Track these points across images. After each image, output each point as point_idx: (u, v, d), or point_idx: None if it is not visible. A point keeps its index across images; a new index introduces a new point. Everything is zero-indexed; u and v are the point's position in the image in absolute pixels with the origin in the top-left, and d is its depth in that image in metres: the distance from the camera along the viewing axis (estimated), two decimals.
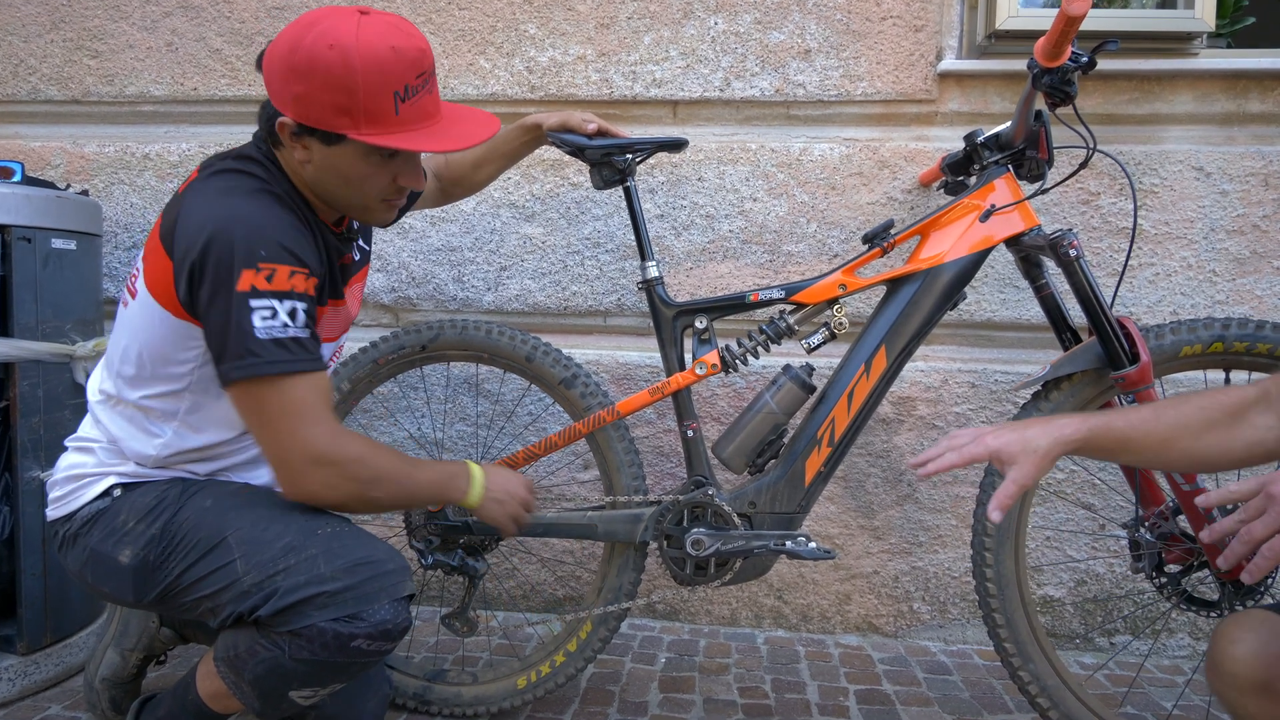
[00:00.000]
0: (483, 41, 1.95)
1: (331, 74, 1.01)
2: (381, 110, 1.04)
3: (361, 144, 1.07)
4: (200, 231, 1.02)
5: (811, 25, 1.88)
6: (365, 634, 1.03)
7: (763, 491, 1.45)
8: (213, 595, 1.06)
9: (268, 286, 1.02)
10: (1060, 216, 1.84)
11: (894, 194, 1.88)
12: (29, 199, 1.55)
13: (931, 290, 1.40)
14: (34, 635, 1.58)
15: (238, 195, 1.07)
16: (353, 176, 1.11)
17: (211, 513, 1.09)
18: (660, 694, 1.65)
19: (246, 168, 1.12)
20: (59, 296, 1.61)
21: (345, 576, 1.03)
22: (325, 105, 1.03)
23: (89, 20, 2.03)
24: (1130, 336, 1.33)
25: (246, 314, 1.01)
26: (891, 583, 1.94)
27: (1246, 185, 1.81)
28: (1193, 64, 1.79)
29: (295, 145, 1.09)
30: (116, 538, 1.10)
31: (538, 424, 1.98)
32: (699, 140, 1.92)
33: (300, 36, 1.03)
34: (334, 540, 1.07)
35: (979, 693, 1.68)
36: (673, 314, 1.49)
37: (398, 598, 1.06)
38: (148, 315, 1.09)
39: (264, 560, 1.04)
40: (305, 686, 1.06)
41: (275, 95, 1.07)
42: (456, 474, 1.24)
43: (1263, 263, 1.82)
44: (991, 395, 1.87)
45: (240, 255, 1.01)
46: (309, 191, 1.16)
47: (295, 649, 1.02)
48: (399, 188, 1.15)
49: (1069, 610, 1.90)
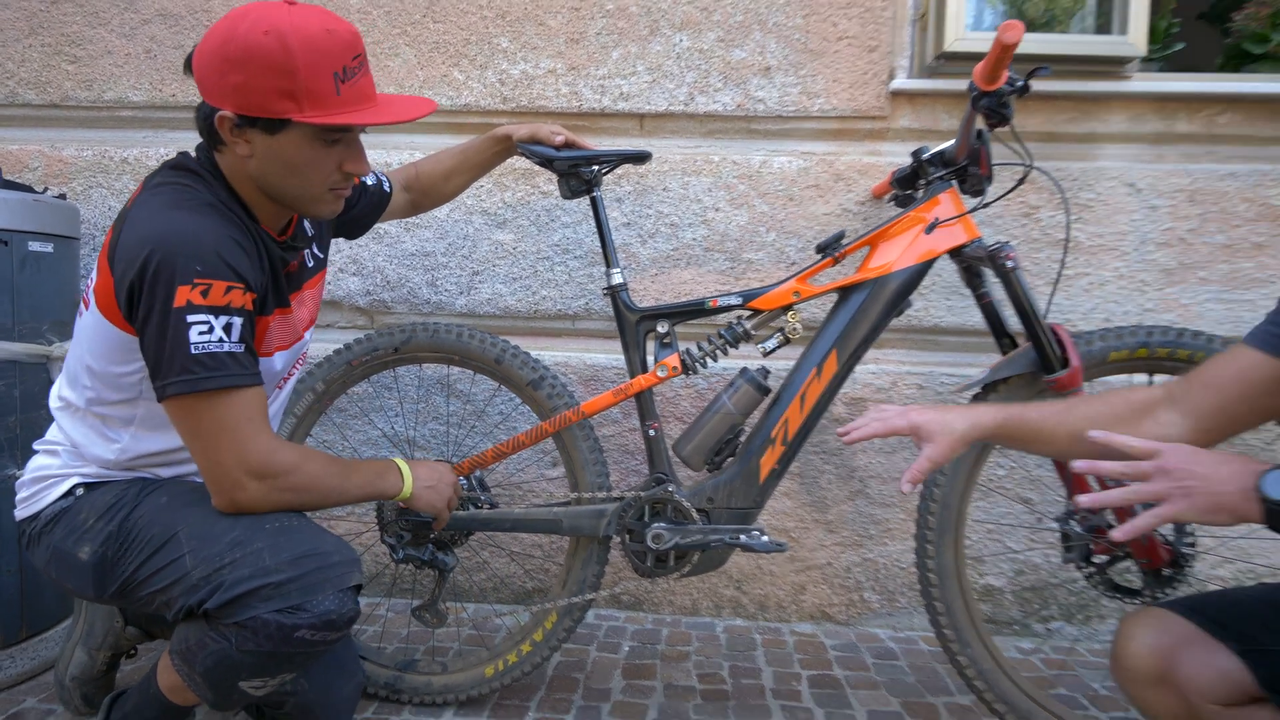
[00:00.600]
0: (457, 54, 1.95)
1: (271, 59, 0.99)
2: (323, 91, 1.02)
3: (307, 127, 1.04)
4: (141, 248, 0.99)
5: (772, 44, 1.90)
6: (309, 624, 1.02)
7: (720, 488, 1.48)
8: (165, 589, 1.05)
9: (203, 302, 0.99)
10: (1004, 228, 1.89)
11: (848, 205, 1.91)
12: (5, 202, 1.52)
13: (879, 298, 1.43)
14: (9, 630, 1.56)
15: (177, 210, 1.04)
16: (299, 164, 1.07)
17: (165, 510, 1.09)
18: (623, 680, 1.66)
19: (185, 180, 1.09)
20: (36, 298, 1.58)
21: (290, 569, 1.02)
22: (267, 91, 1.00)
23: (67, 26, 1.99)
24: (1062, 342, 1.37)
25: (183, 329, 0.99)
26: (844, 574, 1.97)
27: (1174, 201, 1.87)
28: (1126, 86, 1.84)
29: (237, 140, 1.05)
30: (77, 535, 1.10)
31: (508, 423, 1.99)
32: (664, 152, 1.93)
33: (232, 29, 1.00)
34: (280, 534, 1.06)
35: (923, 676, 1.72)
36: (636, 319, 1.51)
37: (343, 588, 1.05)
38: (97, 326, 1.08)
39: (211, 554, 1.03)
40: (254, 677, 1.05)
41: (211, 91, 1.03)
42: (387, 471, 1.24)
43: (1188, 273, 1.88)
44: (938, 396, 1.91)
45: (179, 271, 0.99)
46: (252, 196, 1.12)
47: (241, 640, 1.01)
48: (346, 175, 1.12)
49: (1008, 598, 1.95)
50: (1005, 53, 1.20)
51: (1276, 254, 1.86)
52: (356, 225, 1.47)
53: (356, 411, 2.02)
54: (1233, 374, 1.04)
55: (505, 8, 1.93)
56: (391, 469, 1.25)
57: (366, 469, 1.22)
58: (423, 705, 1.54)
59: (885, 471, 1.94)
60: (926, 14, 1.87)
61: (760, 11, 1.89)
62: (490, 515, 1.51)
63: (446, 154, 1.57)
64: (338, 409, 1.99)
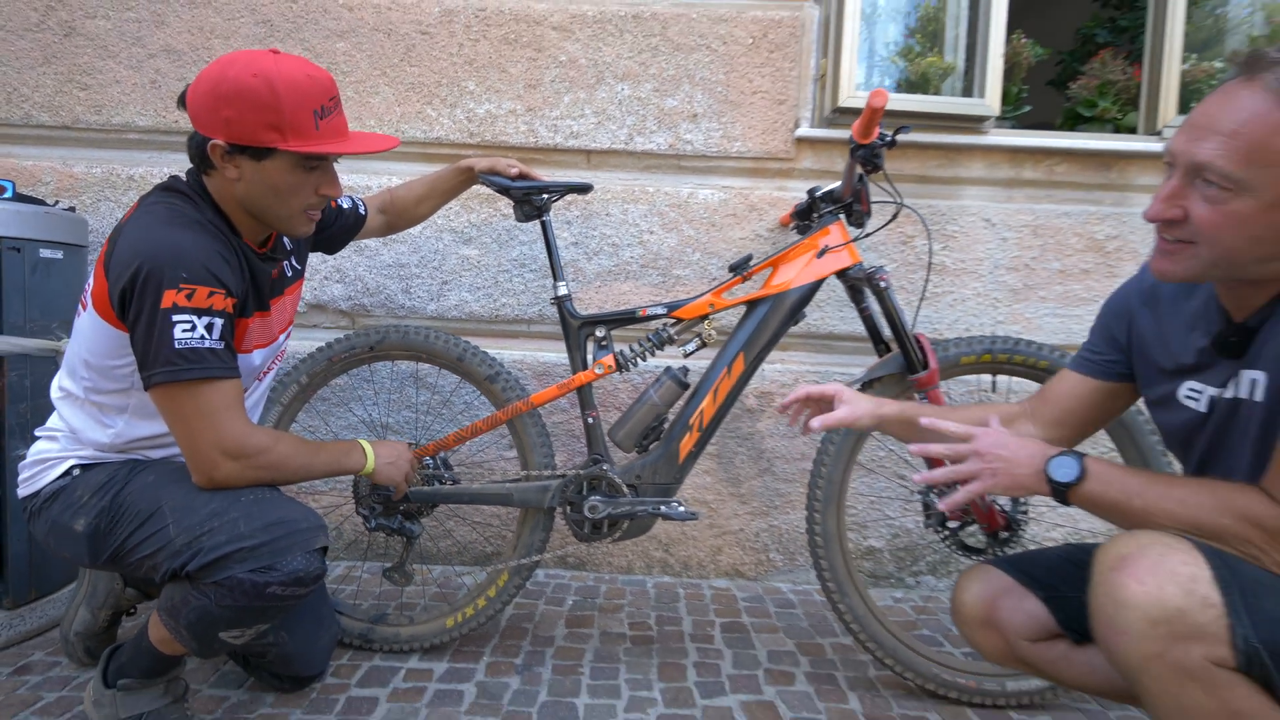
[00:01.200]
0: (430, 94, 1.95)
1: (259, 97, 1.02)
2: (304, 125, 1.05)
3: (290, 155, 1.06)
4: (134, 257, 1.00)
5: (699, 95, 1.95)
6: (279, 581, 1.03)
7: (647, 467, 1.51)
8: (152, 555, 1.05)
9: (188, 304, 1.00)
10: (886, 254, 1.97)
11: (760, 231, 1.97)
12: (19, 214, 1.48)
13: (779, 310, 1.49)
14: (19, 592, 1.52)
15: (167, 225, 1.05)
16: (281, 187, 1.09)
17: (152, 487, 1.08)
18: (566, 629, 1.69)
19: (175, 200, 1.09)
20: (46, 299, 1.54)
21: (262, 534, 1.03)
22: (255, 124, 1.03)
23: (79, 57, 1.94)
24: (924, 348, 1.45)
25: (169, 327, 1.00)
26: (753, 538, 2.04)
27: (1021, 234, 1.97)
28: (984, 140, 1.94)
29: (227, 165, 1.07)
30: (73, 510, 1.09)
31: (470, 411, 2.00)
32: (607, 183, 1.97)
33: (223, 72, 1.03)
34: (254, 505, 1.06)
35: (815, 621, 1.78)
36: (578, 324, 1.54)
37: (310, 550, 1.06)
38: (93, 325, 1.08)
39: (192, 524, 1.03)
40: (232, 628, 1.06)
41: (204, 124, 1.05)
42: (351, 450, 1.25)
43: (1031, 293, 1.99)
44: None
45: (166, 277, 0.99)
46: (236, 214, 1.13)
47: (220, 597, 1.02)
48: (321, 198, 1.14)
49: (886, 557, 2.04)
50: (875, 114, 1.27)
51: (1100, 279, 1.98)
52: (334, 242, 1.47)
53: (337, 400, 2.01)
54: (1064, 392, 1.12)
55: (472, 55, 1.94)
56: (356, 448, 1.26)
57: (333, 448, 1.23)
58: (391, 653, 1.55)
59: (788, 453, 2.00)
60: (825, 74, 1.93)
61: (689, 68, 1.94)
62: (451, 490, 1.53)
63: (418, 182, 1.58)
64: (320, 398, 1.98)
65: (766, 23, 1.93)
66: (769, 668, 1.54)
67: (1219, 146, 0.78)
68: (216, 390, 1.04)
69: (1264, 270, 0.83)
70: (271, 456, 1.10)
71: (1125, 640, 0.82)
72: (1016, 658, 1.07)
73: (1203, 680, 0.79)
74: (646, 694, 1.42)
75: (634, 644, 1.63)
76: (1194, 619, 0.78)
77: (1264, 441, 0.85)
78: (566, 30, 1.93)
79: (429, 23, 1.94)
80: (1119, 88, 2.04)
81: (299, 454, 1.15)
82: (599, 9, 1.93)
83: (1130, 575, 0.81)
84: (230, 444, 1.06)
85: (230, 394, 1.06)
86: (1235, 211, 0.79)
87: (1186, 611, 0.78)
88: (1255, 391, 0.86)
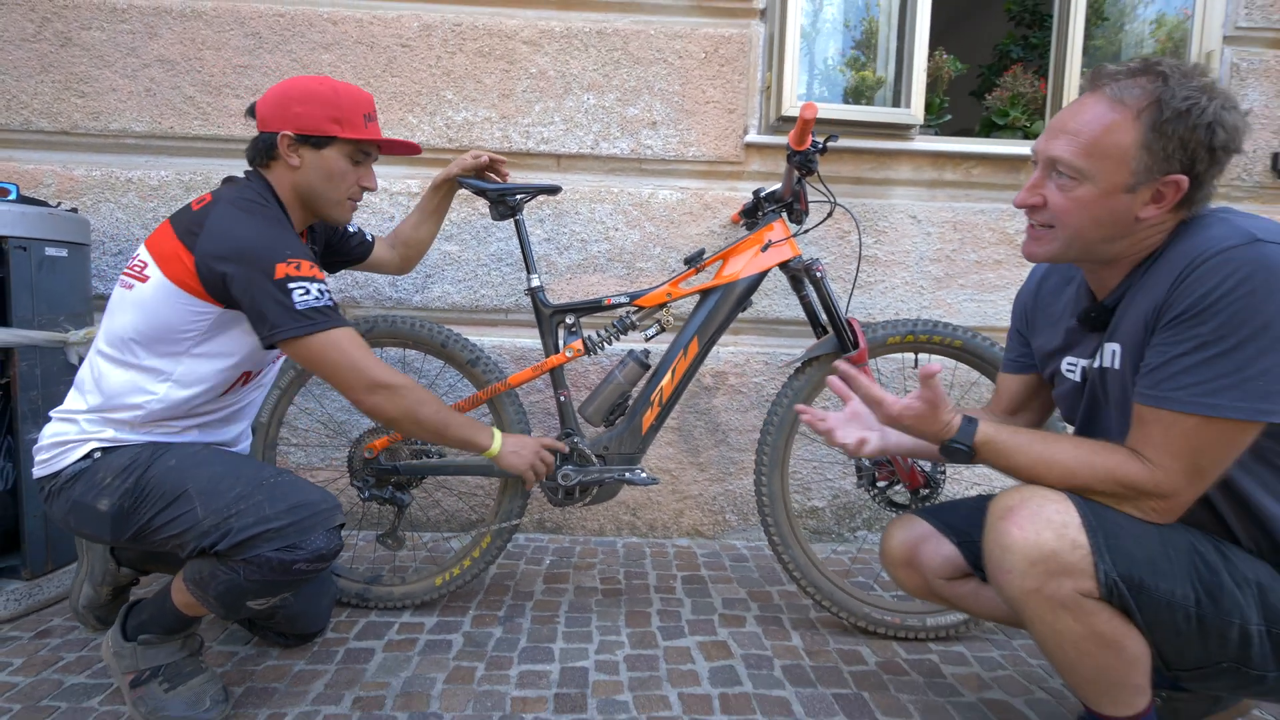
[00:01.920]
0: (411, 103, 1.94)
1: (325, 97, 1.17)
2: (357, 122, 1.19)
3: (345, 143, 1.19)
4: (239, 242, 1.07)
5: (657, 105, 1.97)
6: (304, 559, 1.05)
7: (613, 439, 1.55)
8: (179, 535, 1.06)
9: (298, 273, 1.08)
10: (825, 247, 2.02)
11: (714, 228, 2.01)
12: (24, 215, 1.45)
13: (728, 299, 1.52)
14: (36, 564, 1.51)
15: (261, 217, 1.12)
16: (334, 172, 1.20)
17: (175, 470, 1.08)
18: (544, 585, 1.73)
19: (255, 196, 1.16)
20: (52, 295, 1.52)
21: (287, 516, 1.05)
22: (320, 117, 1.16)
23: (75, 66, 1.88)
24: (855, 331, 1.50)
25: (286, 294, 1.07)
26: (711, 501, 2.09)
27: (942, 229, 2.04)
28: (909, 145, 1.99)
29: (291, 154, 1.18)
30: (96, 491, 1.08)
31: (453, 392, 2.01)
32: (576, 185, 1.98)
33: (293, 82, 1.18)
34: (277, 489, 1.08)
35: (765, 573, 1.84)
36: (550, 313, 1.56)
37: (330, 527, 1.09)
38: (163, 295, 1.09)
39: (220, 506, 1.04)
40: (259, 598, 1.08)
41: (274, 121, 1.17)
42: (482, 429, 1.30)
43: (952, 281, 2.06)
44: (778, 370, 2.05)
45: (276, 254, 1.07)
46: (290, 203, 1.22)
47: (249, 572, 1.04)
48: (360, 189, 1.25)
49: (828, 515, 2.11)
50: (807, 125, 1.30)
51: (1011, 268, 2.06)
52: (336, 259, 1.49)
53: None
54: (1005, 390, 1.18)
55: (450, 67, 1.93)
56: (485, 429, 1.31)
57: (465, 420, 1.28)
58: (386, 609, 1.57)
59: (741, 425, 2.06)
60: (770, 86, 1.97)
61: (649, 80, 1.96)
62: (438, 463, 1.54)
63: (412, 214, 1.61)
64: (315, 382, 1.97)
65: (717, 39, 1.95)
66: (723, 613, 1.60)
67: (1067, 143, 0.86)
68: (345, 336, 1.11)
69: (1110, 250, 0.91)
70: (410, 394, 1.17)
71: (1010, 578, 0.88)
72: (933, 593, 1.14)
73: (1072, 609, 0.86)
74: (615, 638, 1.47)
75: (605, 596, 1.68)
76: (1065, 559, 0.85)
77: (1125, 404, 0.92)
78: (536, 44, 1.93)
79: (409, 36, 1.92)
80: (1028, 99, 2.10)
81: (434, 404, 1.21)
82: (566, 25, 1.93)
83: (1013, 523, 0.88)
84: (371, 377, 1.13)
85: (356, 339, 1.13)
86: (1079, 197, 0.87)
87: (1059, 553, 0.85)
88: (1115, 360, 0.93)
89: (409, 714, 1.19)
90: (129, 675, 1.15)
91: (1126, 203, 0.85)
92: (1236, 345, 0.78)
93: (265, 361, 1.24)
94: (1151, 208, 0.85)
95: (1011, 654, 1.45)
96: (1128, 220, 0.87)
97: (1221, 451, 0.83)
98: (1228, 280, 0.79)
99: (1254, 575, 0.86)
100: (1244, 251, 0.78)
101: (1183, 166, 0.83)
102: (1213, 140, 0.81)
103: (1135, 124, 0.82)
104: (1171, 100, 0.81)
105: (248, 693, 1.24)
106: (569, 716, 1.19)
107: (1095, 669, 0.89)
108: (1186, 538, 0.88)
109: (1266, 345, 0.78)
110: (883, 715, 1.22)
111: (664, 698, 1.25)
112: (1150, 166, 0.83)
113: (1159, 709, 1.10)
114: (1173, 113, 0.81)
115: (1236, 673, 0.87)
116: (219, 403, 1.20)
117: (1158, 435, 0.85)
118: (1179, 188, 0.84)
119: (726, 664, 1.38)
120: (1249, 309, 0.77)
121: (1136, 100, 0.83)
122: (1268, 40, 2.02)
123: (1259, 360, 0.78)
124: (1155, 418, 0.85)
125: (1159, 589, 0.85)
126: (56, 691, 1.24)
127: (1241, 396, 0.79)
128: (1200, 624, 0.85)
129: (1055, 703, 1.28)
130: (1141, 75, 0.83)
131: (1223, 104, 0.81)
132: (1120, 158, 0.83)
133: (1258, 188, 2.06)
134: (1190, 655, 0.87)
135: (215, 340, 1.13)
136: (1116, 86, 0.84)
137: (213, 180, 1.93)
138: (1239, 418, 0.80)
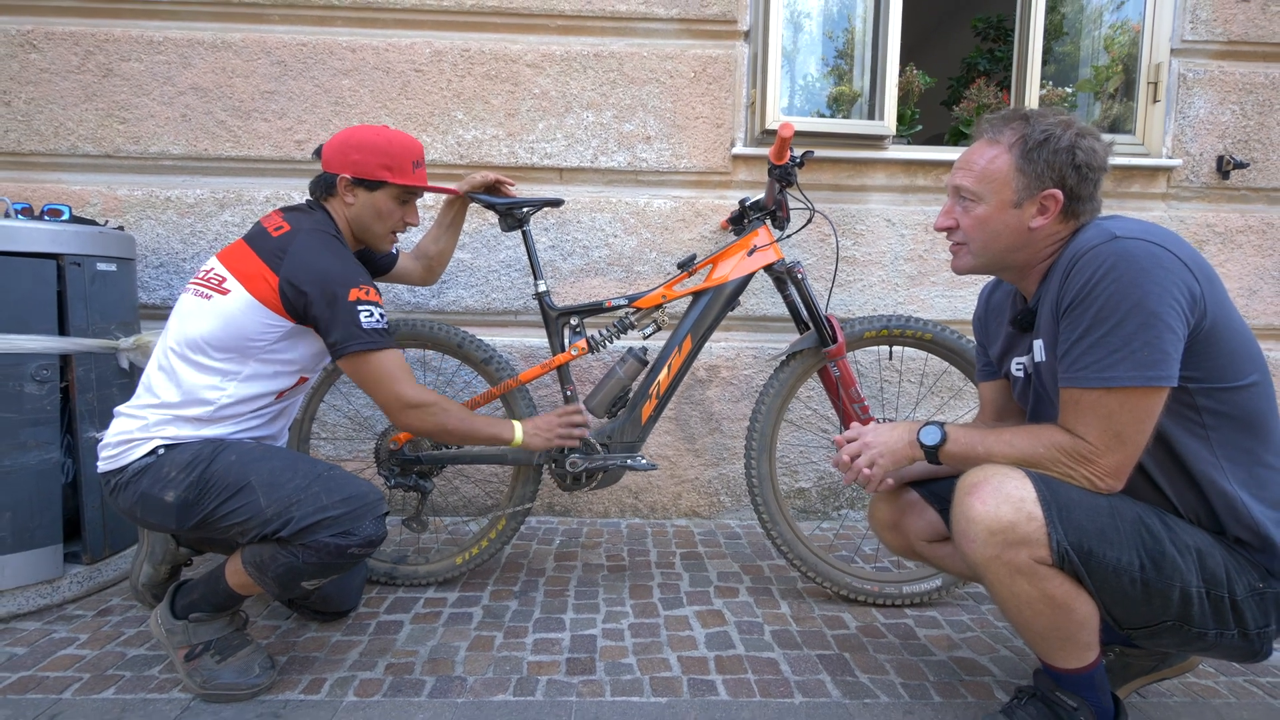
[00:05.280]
0: (425, 123, 1.97)
1: (379, 147, 1.25)
2: (406, 169, 1.27)
3: (394, 187, 1.27)
4: (321, 269, 1.16)
5: (651, 120, 1.99)
6: (357, 544, 1.11)
7: (616, 429, 1.58)
8: (242, 523, 1.10)
9: (366, 298, 1.17)
10: (808, 249, 2.05)
11: (705, 234, 2.04)
12: (78, 234, 1.49)
13: (718, 300, 1.55)
14: (96, 550, 1.55)
15: (336, 250, 1.20)
16: (383, 211, 1.29)
17: (236, 465, 1.12)
18: (554, 563, 1.77)
19: (326, 227, 1.24)
20: (104, 305, 1.55)
21: (342, 506, 1.10)
22: (374, 165, 1.25)
23: (116, 95, 1.91)
24: (834, 327, 1.53)
25: (356, 314, 1.15)
26: (707, 485, 2.12)
27: (915, 231, 2.06)
28: (884, 154, 2.02)
29: (346, 193, 1.27)
30: (162, 484, 1.11)
31: (469, 388, 2.04)
32: (578, 196, 2.01)
33: (353, 132, 1.26)
34: (331, 481, 1.13)
35: (756, 549, 1.88)
36: (555, 315, 1.59)
37: (377, 516, 1.14)
38: (241, 306, 1.15)
39: (281, 497, 1.09)
40: (313, 579, 1.13)
41: (336, 164, 1.25)
42: (503, 423, 1.36)
43: (925, 279, 2.09)
44: (766, 363, 2.08)
45: (350, 283, 1.17)
46: (345, 232, 1.29)
47: (307, 556, 1.08)
48: (404, 224, 1.33)
49: (814, 495, 2.14)
50: (784, 142, 1.33)
51: None
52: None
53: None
54: (986, 398, 1.23)
55: (459, 90, 1.96)
56: (506, 423, 1.36)
57: (488, 420, 1.34)
58: (412, 586, 1.61)
59: (733, 414, 2.09)
60: (755, 102, 1.99)
61: (643, 98, 1.98)
62: (456, 454, 1.58)
63: (430, 229, 1.63)
64: (344, 381, 2.01)
65: (705, 59, 1.97)
66: (718, 585, 1.64)
67: (965, 174, 1.01)
68: (394, 357, 1.20)
69: (1017, 258, 1.01)
70: (442, 409, 1.24)
71: (973, 546, 0.92)
72: (915, 553, 1.21)
73: (1028, 574, 0.90)
74: (620, 609, 1.51)
75: (610, 572, 1.71)
76: (1021, 530, 0.89)
77: (1056, 390, 0.96)
78: (539, 67, 1.96)
79: (421, 62, 1.94)
80: (991, 109, 2.12)
81: (458, 414, 1.28)
82: (566, 49, 1.95)
83: (976, 498, 0.92)
84: (407, 398, 1.20)
85: (401, 361, 1.21)
86: (979, 215, 1.00)
87: (1016, 524, 0.89)
88: (1041, 353, 1.00)
89: (436, 677, 1.23)
90: (182, 650, 1.19)
91: (1016, 216, 0.98)
92: (1118, 324, 0.85)
93: (317, 368, 1.30)
94: (1040, 219, 0.97)
95: (979, 618, 1.49)
96: (1022, 230, 0.98)
97: (1132, 416, 0.88)
98: (1096, 272, 0.87)
99: (1194, 543, 0.90)
100: (1107, 247, 0.87)
101: (1054, 183, 0.95)
102: (1074, 160, 0.93)
103: (1009, 154, 0.97)
104: (1033, 134, 0.96)
105: (291, 661, 1.28)
106: (579, 677, 1.23)
107: (1048, 627, 0.93)
108: (1134, 510, 0.92)
109: (1144, 320, 0.84)
110: (862, 673, 1.26)
111: (665, 660, 1.30)
112: (1028, 185, 0.96)
113: (1111, 663, 1.14)
114: (1034, 143, 0.95)
115: (1180, 630, 0.91)
116: (276, 402, 1.25)
117: (1075, 410, 0.91)
118: (1057, 200, 0.95)
119: (721, 630, 1.42)
120: (1119, 293, 0.85)
121: (1008, 137, 0.98)
122: (1211, 52, 2.05)
123: (1141, 334, 0.85)
124: (1070, 396, 0.92)
125: (1107, 556, 0.89)
126: (120, 662, 1.28)
127: (1133, 366, 0.85)
128: (1145, 587, 0.89)
129: (1018, 660, 1.32)
130: (1014, 120, 0.99)
131: (1078, 132, 0.95)
132: (1003, 180, 0.97)
133: (1204, 188, 2.09)
134: (1137, 615, 0.91)
135: (280, 349, 1.19)
136: (995, 131, 1.00)
137: (244, 197, 1.96)
138: (1135, 384, 0.86)
